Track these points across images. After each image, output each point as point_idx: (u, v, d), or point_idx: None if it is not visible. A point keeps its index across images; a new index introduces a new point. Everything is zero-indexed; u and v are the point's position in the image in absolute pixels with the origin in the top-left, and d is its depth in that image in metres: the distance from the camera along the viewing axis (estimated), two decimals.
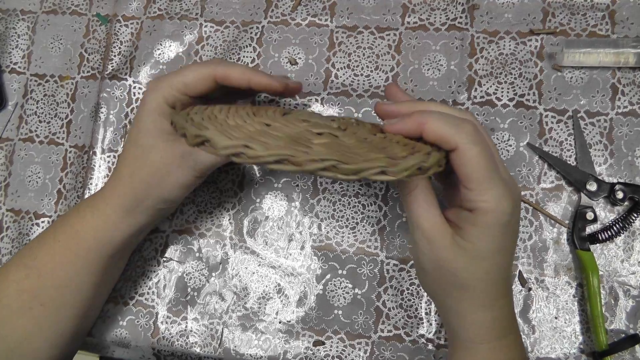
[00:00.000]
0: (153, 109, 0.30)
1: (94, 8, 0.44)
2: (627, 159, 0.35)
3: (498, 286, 0.27)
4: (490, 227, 0.25)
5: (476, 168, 0.24)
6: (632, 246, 0.34)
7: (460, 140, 0.24)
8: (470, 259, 0.26)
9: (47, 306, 0.32)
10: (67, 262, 0.32)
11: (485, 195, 0.25)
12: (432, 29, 0.39)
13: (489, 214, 0.25)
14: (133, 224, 0.33)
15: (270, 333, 0.37)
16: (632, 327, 0.34)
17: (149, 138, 0.31)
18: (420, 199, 0.27)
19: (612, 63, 0.36)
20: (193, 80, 0.30)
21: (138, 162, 0.31)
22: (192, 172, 0.31)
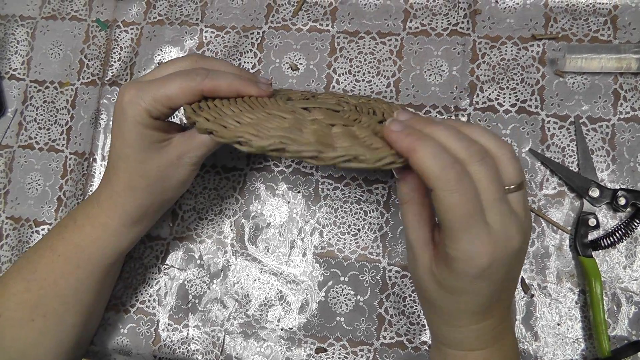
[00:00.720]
0: (137, 123, 0.29)
1: (94, 14, 0.44)
2: (630, 165, 0.35)
3: (468, 315, 0.26)
4: (458, 272, 0.24)
5: (448, 216, 0.23)
6: (635, 252, 0.34)
7: (438, 185, 0.22)
8: (439, 287, 0.26)
9: (49, 317, 0.32)
10: (68, 274, 0.32)
11: (456, 245, 0.23)
12: (433, 34, 0.39)
13: (458, 262, 0.24)
14: (140, 231, 0.34)
15: (272, 340, 0.37)
16: (635, 334, 0.34)
17: (139, 152, 0.30)
18: (411, 213, 0.26)
19: (614, 69, 0.36)
20: (177, 94, 0.28)
21: (134, 177, 0.30)
22: (190, 167, 0.31)
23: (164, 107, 0.28)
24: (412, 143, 0.23)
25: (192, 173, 0.32)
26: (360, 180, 0.38)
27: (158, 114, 0.29)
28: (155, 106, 0.28)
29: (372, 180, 0.38)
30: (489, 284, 0.25)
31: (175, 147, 0.30)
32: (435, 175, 0.22)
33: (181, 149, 0.31)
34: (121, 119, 0.29)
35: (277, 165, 0.39)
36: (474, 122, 0.37)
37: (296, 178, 0.39)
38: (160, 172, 0.30)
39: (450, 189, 0.22)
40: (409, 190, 0.26)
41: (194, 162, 0.31)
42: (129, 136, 0.29)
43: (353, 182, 0.38)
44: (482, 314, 0.26)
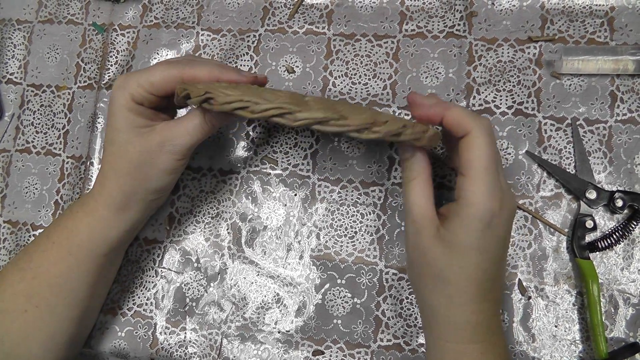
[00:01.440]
0: (122, 106, 0.30)
1: (90, 17, 0.44)
2: (627, 167, 0.35)
3: (473, 286, 0.27)
4: (471, 220, 0.26)
5: (478, 155, 0.26)
6: (632, 254, 0.34)
7: (475, 126, 0.26)
8: (448, 250, 0.27)
9: (41, 307, 0.32)
10: (60, 261, 0.32)
11: (475, 186, 0.26)
12: (430, 36, 0.39)
13: (474, 206, 0.26)
14: (126, 220, 0.33)
15: (269, 343, 0.37)
16: (632, 335, 0.34)
17: (123, 134, 0.30)
18: (417, 187, 0.28)
19: (611, 70, 0.36)
20: (160, 81, 0.30)
21: (118, 159, 0.31)
22: (173, 156, 0.31)
23: (146, 92, 0.30)
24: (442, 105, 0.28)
25: (176, 164, 0.32)
26: (357, 183, 0.38)
27: (141, 99, 0.30)
28: (138, 91, 0.30)
29: (369, 183, 0.38)
30: (495, 240, 0.27)
31: (158, 133, 0.31)
32: (472, 120, 0.26)
33: (164, 136, 0.31)
34: (110, 105, 0.31)
35: (274, 168, 0.39)
36: None
37: (293, 181, 0.39)
38: (142, 157, 0.31)
39: (486, 130, 0.26)
40: (419, 166, 0.28)
41: (177, 151, 0.31)
42: (114, 120, 0.31)
43: (350, 185, 0.38)
44: (484, 289, 0.28)
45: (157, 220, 0.40)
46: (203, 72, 0.30)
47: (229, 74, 0.31)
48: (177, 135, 0.31)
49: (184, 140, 0.31)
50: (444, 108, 0.28)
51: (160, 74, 0.30)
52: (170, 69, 0.30)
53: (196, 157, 0.40)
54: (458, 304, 0.27)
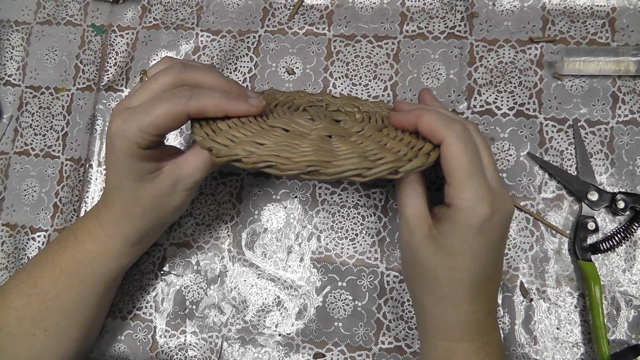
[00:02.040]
0: (126, 155, 0.28)
1: (89, 18, 0.44)
2: (628, 168, 0.35)
3: (464, 288, 0.27)
4: (461, 225, 0.26)
5: (457, 164, 0.26)
6: (634, 256, 0.34)
7: (447, 134, 0.26)
8: (438, 252, 0.27)
9: (51, 331, 0.32)
10: (71, 288, 0.32)
11: (461, 193, 0.26)
12: (430, 37, 0.39)
13: (462, 212, 0.26)
14: (139, 250, 0.34)
15: (270, 346, 0.36)
16: (635, 338, 0.33)
17: (131, 183, 0.29)
18: (409, 189, 0.28)
19: (612, 71, 0.35)
20: (164, 122, 0.27)
21: (130, 203, 0.30)
22: (186, 193, 0.31)
23: (151, 135, 0.27)
24: (416, 113, 0.27)
25: (188, 197, 0.31)
26: (357, 185, 0.38)
27: (147, 144, 0.28)
28: (142, 136, 0.27)
29: (370, 185, 0.38)
30: (487, 244, 0.27)
31: (167, 176, 0.30)
32: (444, 128, 0.26)
33: (174, 177, 0.30)
34: (111, 150, 0.28)
35: None
36: None
37: (293, 183, 0.38)
38: (154, 201, 0.30)
39: (458, 137, 0.26)
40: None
41: (189, 189, 0.31)
42: (120, 168, 0.29)
43: (350, 187, 0.38)
44: (475, 291, 0.27)
45: None
46: (210, 107, 0.27)
47: (237, 106, 0.28)
48: (187, 174, 0.30)
49: (195, 178, 0.30)
50: (416, 115, 0.27)
51: (164, 113, 0.27)
52: (173, 106, 0.27)
53: None
54: (448, 305, 0.28)
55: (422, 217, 0.28)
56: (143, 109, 0.27)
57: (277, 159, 0.24)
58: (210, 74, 0.29)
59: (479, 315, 0.28)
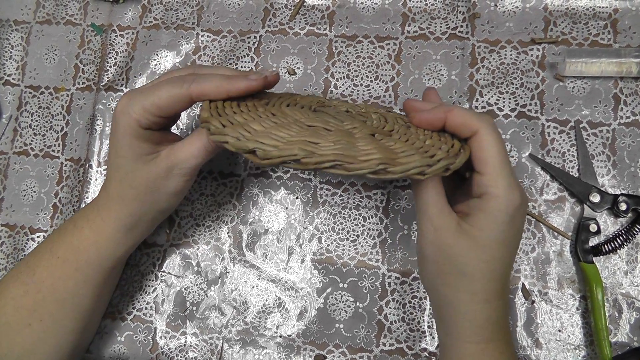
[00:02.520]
0: (127, 133, 0.29)
1: (89, 18, 0.43)
2: (630, 170, 0.35)
3: (496, 281, 0.27)
4: (497, 214, 0.26)
5: (492, 152, 0.26)
6: (636, 258, 0.34)
7: (481, 125, 0.26)
8: (473, 245, 0.27)
9: (46, 321, 0.31)
10: (67, 277, 0.32)
11: (497, 181, 0.26)
12: (432, 38, 0.38)
13: (499, 200, 0.26)
14: (135, 237, 0.33)
15: (270, 348, 0.36)
16: (637, 340, 0.33)
17: (129, 162, 0.30)
18: (430, 187, 0.28)
19: (614, 73, 0.35)
20: (166, 103, 0.28)
21: (125, 186, 0.30)
22: (181, 178, 0.31)
23: (153, 115, 0.29)
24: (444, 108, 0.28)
25: (185, 184, 0.31)
26: (359, 186, 0.38)
27: (148, 124, 0.29)
28: (144, 115, 0.28)
29: (371, 186, 0.37)
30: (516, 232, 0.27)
31: (163, 160, 0.30)
32: (476, 119, 0.27)
33: (169, 162, 0.30)
34: (114, 129, 0.30)
35: (275, 171, 0.39)
36: None
37: (294, 184, 0.38)
38: (149, 183, 0.30)
39: (493, 128, 0.27)
40: None
41: (185, 174, 0.31)
42: (119, 146, 0.30)
43: (352, 188, 0.38)
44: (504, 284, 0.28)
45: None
46: (211, 88, 0.28)
47: (237, 83, 0.28)
48: (183, 159, 0.30)
49: (190, 164, 0.30)
50: (445, 110, 0.28)
51: (167, 95, 0.28)
52: (176, 88, 0.28)
53: None
54: (480, 300, 0.27)
55: (447, 214, 0.27)
56: (148, 90, 0.29)
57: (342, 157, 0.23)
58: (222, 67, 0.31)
59: (503, 313, 0.28)
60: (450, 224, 0.27)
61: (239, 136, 0.24)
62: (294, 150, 0.23)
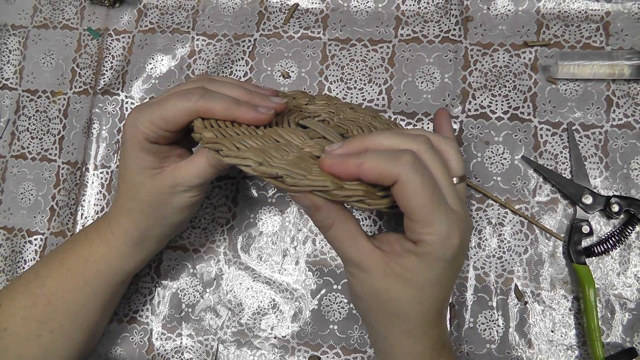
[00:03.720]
0: (135, 146, 0.29)
1: (85, 22, 0.44)
2: (623, 172, 0.35)
3: (431, 316, 0.26)
4: (434, 260, 0.24)
5: (419, 200, 0.23)
6: (628, 259, 0.34)
7: (400, 172, 0.23)
8: (406, 287, 0.25)
9: (56, 333, 0.32)
10: (76, 289, 0.32)
11: (430, 228, 0.24)
12: (425, 41, 0.39)
13: (434, 247, 0.24)
14: (144, 252, 0.33)
15: (265, 349, 0.37)
16: (629, 341, 0.34)
17: (135, 176, 0.30)
18: (342, 233, 0.26)
19: (606, 75, 0.36)
20: (173, 117, 0.28)
21: (131, 199, 0.31)
22: (187, 195, 0.31)
23: (160, 129, 0.28)
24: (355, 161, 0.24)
25: (191, 200, 0.31)
26: None
27: (156, 137, 0.29)
28: (152, 129, 0.28)
29: None
30: (455, 270, 0.26)
31: (166, 177, 0.30)
32: (393, 165, 0.23)
33: (173, 179, 0.30)
34: (123, 142, 0.30)
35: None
36: (466, 129, 0.37)
37: None
38: (154, 198, 0.30)
39: (414, 171, 0.23)
40: (328, 213, 0.25)
41: (189, 191, 0.30)
42: (127, 159, 0.30)
43: None
44: (441, 314, 0.27)
45: None
46: (219, 109, 0.27)
47: (246, 114, 0.28)
48: (185, 179, 0.30)
49: (193, 183, 0.30)
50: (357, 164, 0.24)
51: (173, 107, 0.27)
52: (183, 102, 0.27)
53: None
54: (416, 336, 0.27)
55: (373, 256, 0.25)
56: (156, 103, 0.28)
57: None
58: (233, 86, 0.30)
59: (443, 334, 0.28)
60: (377, 266, 0.25)
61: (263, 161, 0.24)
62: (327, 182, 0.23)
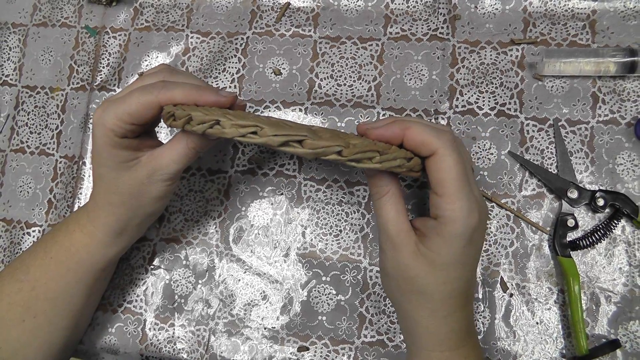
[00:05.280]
0: (105, 143, 0.29)
1: (83, 20, 0.45)
2: (608, 167, 0.36)
3: (455, 298, 0.27)
4: (453, 237, 0.26)
5: (450, 175, 0.25)
6: (613, 253, 0.35)
7: (440, 145, 0.25)
8: (430, 267, 0.27)
9: (40, 318, 0.32)
10: (59, 277, 0.33)
11: (454, 204, 0.25)
12: (414, 39, 0.39)
13: (455, 224, 0.26)
14: (124, 240, 0.34)
15: (255, 339, 0.37)
16: (613, 332, 0.34)
17: (110, 171, 0.30)
18: (390, 204, 0.27)
19: (592, 72, 0.36)
20: (137, 110, 0.28)
21: (110, 194, 0.31)
22: (164, 183, 0.31)
23: (126, 124, 0.29)
24: (401, 125, 0.27)
25: (167, 188, 0.32)
26: (342, 182, 0.39)
27: (123, 132, 0.29)
28: (118, 124, 0.29)
29: (354, 182, 0.38)
30: (475, 252, 0.27)
31: (144, 166, 0.30)
32: (435, 138, 0.25)
33: (150, 167, 0.30)
34: (94, 140, 0.30)
35: (261, 168, 0.40)
36: (454, 125, 0.38)
37: (279, 180, 0.39)
38: (133, 189, 0.31)
39: (451, 148, 0.25)
40: (386, 182, 0.28)
41: (166, 179, 0.31)
42: (100, 157, 0.30)
43: (335, 184, 0.39)
44: (465, 297, 0.28)
45: None
46: (179, 95, 0.28)
47: (206, 95, 0.29)
48: (163, 165, 0.30)
49: (170, 169, 0.30)
50: (403, 127, 0.27)
51: (137, 102, 0.28)
52: (145, 95, 0.28)
53: None
54: (441, 316, 0.28)
55: (406, 233, 0.27)
56: (120, 99, 0.29)
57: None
58: (191, 76, 0.31)
59: (469, 319, 0.29)
60: (408, 245, 0.27)
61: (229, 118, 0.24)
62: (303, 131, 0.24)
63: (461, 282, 0.27)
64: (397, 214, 0.27)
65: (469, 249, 0.27)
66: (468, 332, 0.29)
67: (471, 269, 0.28)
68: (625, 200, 0.34)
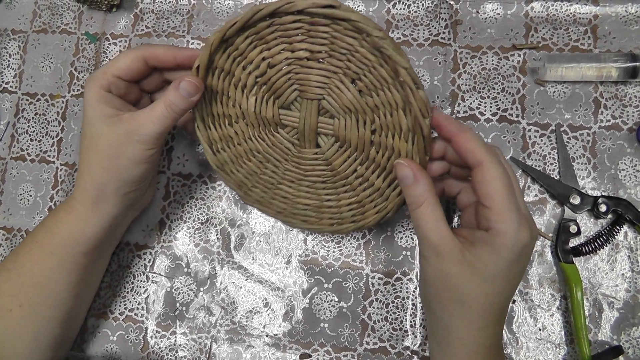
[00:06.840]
0: (92, 97, 0.32)
1: (83, 27, 0.45)
2: (610, 172, 0.36)
3: (494, 312, 0.27)
4: (504, 251, 0.26)
5: (496, 186, 0.26)
6: (616, 259, 0.35)
7: (487, 158, 0.26)
8: (475, 277, 0.26)
9: (25, 307, 0.32)
10: (42, 260, 0.33)
11: (503, 216, 0.25)
12: (415, 44, 0.39)
13: (506, 237, 0.25)
14: (102, 215, 0.33)
15: (257, 347, 0.37)
16: (616, 339, 0.34)
17: (94, 127, 0.32)
18: (428, 213, 0.27)
19: (594, 77, 0.36)
20: (124, 64, 0.32)
21: (90, 152, 0.32)
22: (142, 146, 0.31)
23: (113, 76, 0.32)
24: (459, 126, 0.27)
25: (145, 153, 0.31)
26: None
27: (109, 85, 0.32)
28: (105, 77, 0.32)
29: None
30: (521, 269, 0.27)
31: (124, 123, 0.31)
32: (483, 149, 0.26)
33: (130, 125, 0.31)
34: (84, 99, 0.33)
35: None
36: None
37: None
38: (112, 148, 0.31)
39: (498, 162, 0.26)
40: (423, 190, 0.27)
41: (145, 141, 0.31)
42: (86, 113, 0.32)
43: None
44: (502, 313, 0.28)
45: (148, 226, 0.40)
46: (160, 50, 0.33)
47: (185, 51, 0.33)
48: (142, 123, 0.31)
49: (149, 129, 0.31)
50: (459, 128, 0.27)
51: (124, 57, 0.32)
52: (132, 52, 0.33)
53: (186, 164, 0.41)
54: (476, 329, 0.27)
55: (450, 241, 0.27)
56: (109, 61, 0.33)
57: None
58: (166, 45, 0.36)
59: (499, 336, 0.29)
60: (454, 252, 0.26)
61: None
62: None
63: (502, 297, 0.27)
64: (436, 222, 0.27)
65: (516, 266, 0.26)
66: (497, 347, 0.29)
67: (513, 286, 0.28)
68: (627, 206, 0.34)
